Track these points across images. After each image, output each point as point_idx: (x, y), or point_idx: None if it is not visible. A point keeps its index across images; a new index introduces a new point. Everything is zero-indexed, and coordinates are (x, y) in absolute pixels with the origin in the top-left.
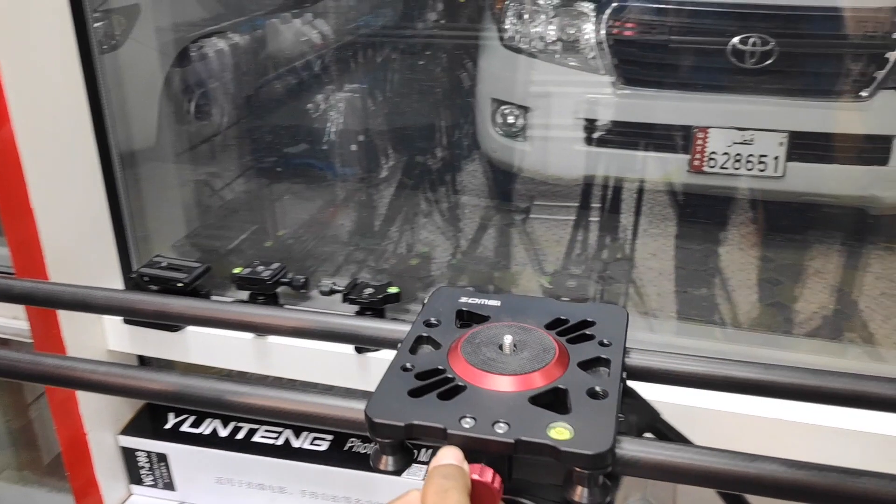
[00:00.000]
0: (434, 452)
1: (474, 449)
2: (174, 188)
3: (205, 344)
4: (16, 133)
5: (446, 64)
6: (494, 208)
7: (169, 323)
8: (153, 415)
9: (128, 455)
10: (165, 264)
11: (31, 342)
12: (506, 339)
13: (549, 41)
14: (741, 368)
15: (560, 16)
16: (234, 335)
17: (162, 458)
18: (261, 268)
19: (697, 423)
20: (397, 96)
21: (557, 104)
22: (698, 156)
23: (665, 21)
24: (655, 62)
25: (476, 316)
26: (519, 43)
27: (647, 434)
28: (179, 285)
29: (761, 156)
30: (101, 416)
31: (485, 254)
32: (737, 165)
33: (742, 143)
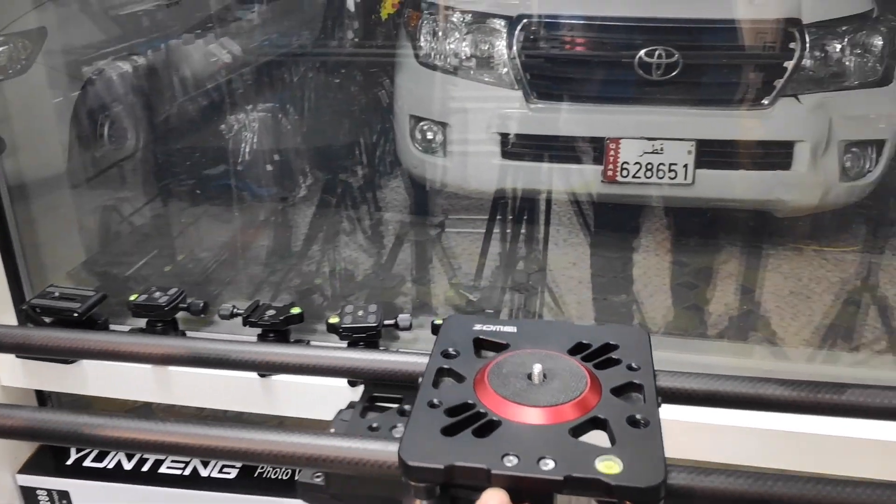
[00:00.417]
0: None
1: (520, 488)
2: (83, 215)
3: (103, 375)
4: None
5: (363, 82)
6: (417, 224)
7: (61, 358)
8: (54, 451)
9: (27, 495)
10: (58, 294)
11: None
12: (535, 368)
13: (464, 58)
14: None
15: (473, 32)
16: (132, 364)
17: (64, 496)
18: (158, 293)
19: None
20: (314, 115)
21: (474, 119)
22: (611, 166)
23: (574, 36)
24: (566, 76)
25: (494, 344)
26: (434, 60)
27: None
28: (74, 315)
29: (671, 164)
30: None
31: (401, 271)
32: (648, 174)
33: (653, 153)
